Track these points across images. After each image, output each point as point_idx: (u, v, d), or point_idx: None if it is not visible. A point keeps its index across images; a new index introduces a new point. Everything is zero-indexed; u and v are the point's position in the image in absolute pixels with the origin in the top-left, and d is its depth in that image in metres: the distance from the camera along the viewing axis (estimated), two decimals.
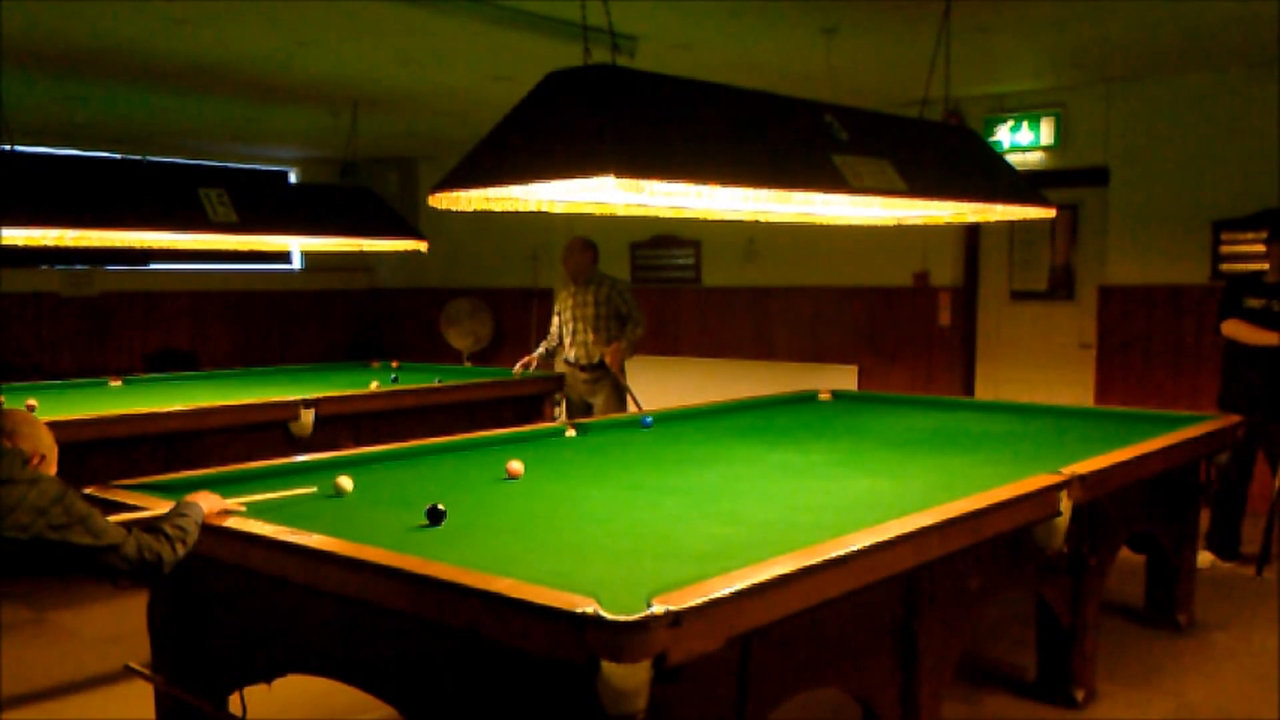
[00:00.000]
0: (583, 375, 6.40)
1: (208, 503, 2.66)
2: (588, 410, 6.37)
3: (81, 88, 6.98)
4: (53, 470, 2.51)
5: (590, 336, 6.32)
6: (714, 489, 3.29)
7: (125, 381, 6.61)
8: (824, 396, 5.59)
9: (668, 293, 9.30)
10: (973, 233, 7.75)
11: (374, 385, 6.32)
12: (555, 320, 6.55)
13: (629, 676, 1.82)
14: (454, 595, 2.08)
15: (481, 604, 2.03)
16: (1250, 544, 5.47)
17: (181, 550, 2.46)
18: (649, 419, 4.61)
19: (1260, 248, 5.82)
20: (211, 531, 2.63)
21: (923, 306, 7.89)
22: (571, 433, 4.30)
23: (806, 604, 2.25)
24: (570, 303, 6.45)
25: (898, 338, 8.02)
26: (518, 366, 6.61)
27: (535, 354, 6.62)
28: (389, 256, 10.62)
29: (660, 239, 9.24)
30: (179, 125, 8.51)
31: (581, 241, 6.50)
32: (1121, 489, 3.63)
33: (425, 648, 2.30)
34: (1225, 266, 6.56)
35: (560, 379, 7.06)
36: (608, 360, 6.29)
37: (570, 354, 6.46)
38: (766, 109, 3.59)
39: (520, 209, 3.39)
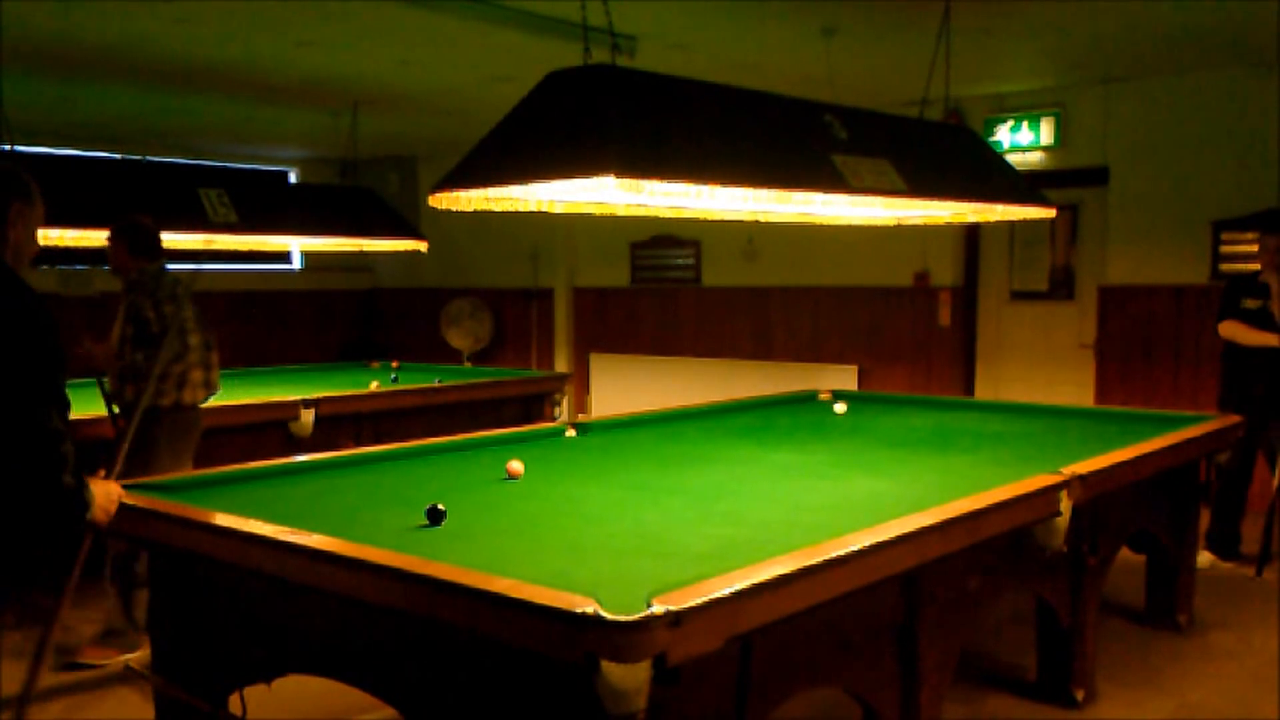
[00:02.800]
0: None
1: (102, 493, 2.59)
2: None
3: (81, 88, 6.98)
4: None
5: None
6: (714, 489, 3.29)
7: None
8: (824, 396, 5.59)
9: (668, 293, 9.31)
10: (973, 233, 7.75)
11: (374, 385, 6.32)
12: None
13: (629, 676, 1.82)
14: (454, 595, 2.08)
15: (481, 604, 2.03)
16: (1250, 544, 5.47)
17: (67, 487, 2.41)
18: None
19: None
20: (212, 531, 2.63)
21: (923, 306, 7.89)
22: (571, 433, 4.31)
23: (806, 604, 2.25)
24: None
25: (898, 338, 8.02)
26: None
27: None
28: (389, 256, 10.62)
29: (660, 239, 9.25)
30: (179, 125, 8.51)
31: (120, 225, 4.42)
32: (1121, 489, 3.63)
33: (425, 648, 2.30)
34: (1225, 266, 6.56)
35: (563, 378, 7.06)
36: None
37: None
38: (766, 109, 3.59)
39: (520, 209, 3.39)
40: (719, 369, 8.82)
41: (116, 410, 4.16)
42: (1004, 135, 7.39)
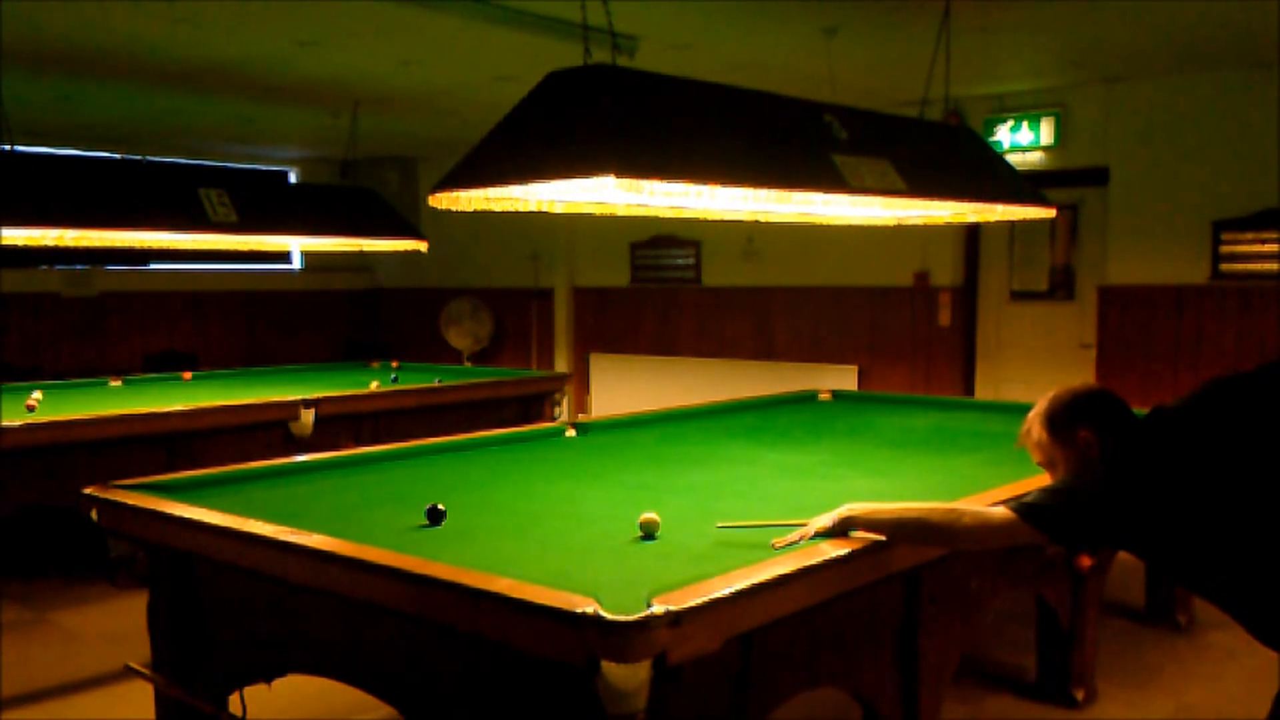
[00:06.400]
0: None
1: None
2: None
3: (81, 88, 6.97)
4: None
5: None
6: (714, 489, 3.29)
7: (125, 381, 6.61)
8: (824, 396, 5.59)
9: (668, 293, 9.30)
10: (973, 233, 7.75)
11: (374, 385, 6.32)
12: None
13: (629, 676, 1.82)
14: (454, 595, 2.08)
15: (481, 604, 2.03)
16: None
17: None
18: None
19: (1260, 248, 5.83)
20: (212, 531, 2.63)
21: (923, 306, 7.89)
22: (571, 433, 4.31)
23: (806, 604, 2.25)
24: None
25: (898, 338, 8.02)
26: None
27: None
28: (389, 256, 10.61)
29: (660, 239, 9.24)
30: (179, 125, 8.50)
31: None
32: None
33: (425, 648, 2.30)
34: (1225, 266, 6.56)
35: (563, 378, 7.05)
36: None
37: None
38: (766, 109, 3.59)
39: (520, 209, 3.39)
40: (719, 369, 8.82)
41: None
42: (1004, 135, 7.38)
